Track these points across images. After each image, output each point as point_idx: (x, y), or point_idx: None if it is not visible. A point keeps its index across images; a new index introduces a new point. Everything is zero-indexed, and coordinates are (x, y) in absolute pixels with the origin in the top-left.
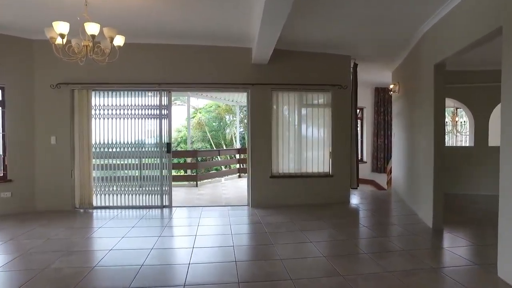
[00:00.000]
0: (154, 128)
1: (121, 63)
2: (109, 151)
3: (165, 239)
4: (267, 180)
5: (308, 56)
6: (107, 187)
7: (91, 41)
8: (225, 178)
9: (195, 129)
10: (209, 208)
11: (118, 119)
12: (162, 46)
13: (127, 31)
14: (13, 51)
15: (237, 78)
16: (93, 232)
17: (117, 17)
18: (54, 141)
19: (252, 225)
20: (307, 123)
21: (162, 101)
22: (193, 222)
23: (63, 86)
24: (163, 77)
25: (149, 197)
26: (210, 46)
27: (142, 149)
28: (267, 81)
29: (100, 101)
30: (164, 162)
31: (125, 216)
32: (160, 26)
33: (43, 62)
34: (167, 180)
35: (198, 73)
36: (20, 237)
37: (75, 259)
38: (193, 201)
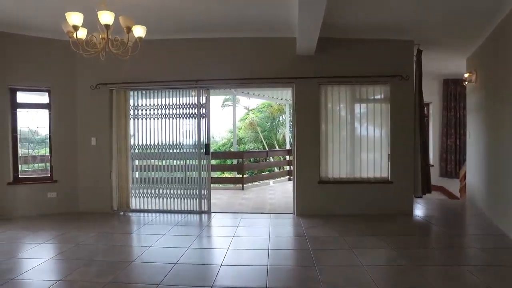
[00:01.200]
0: (192, 128)
1: (157, 60)
2: (146, 152)
3: (192, 253)
4: (314, 185)
5: (361, 44)
6: (144, 190)
7: (105, 31)
8: (273, 181)
9: (247, 129)
10: (250, 215)
11: (155, 119)
12: (199, 40)
13: (162, 27)
14: (57, 54)
15: (280, 71)
16: (121, 240)
17: (150, 12)
18: (94, 142)
19: (294, 239)
20: (361, 121)
21: (200, 99)
22: (228, 232)
23: (102, 87)
24: (200, 73)
25: (187, 201)
26: (250, 38)
27: (180, 150)
28: (314, 74)
29: (137, 101)
30: (202, 164)
31: (160, 222)
32: (196, 20)
33: (84, 63)
34: (206, 184)
35: (238, 68)
36: (53, 239)
37: (93, 270)
38: (234, 206)
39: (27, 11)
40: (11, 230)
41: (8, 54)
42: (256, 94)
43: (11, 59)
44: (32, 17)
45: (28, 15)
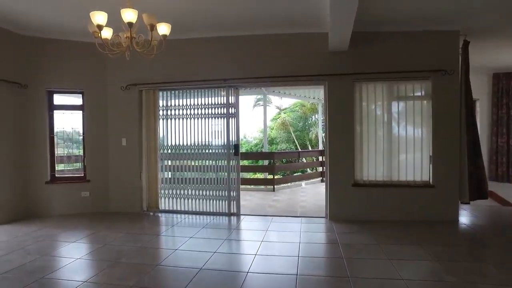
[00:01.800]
0: (221, 129)
1: (185, 60)
2: (175, 153)
3: (219, 257)
4: (349, 188)
5: (399, 37)
6: (173, 191)
7: (129, 30)
8: (305, 183)
9: (279, 129)
10: (280, 219)
11: (184, 119)
12: (227, 38)
13: (190, 26)
14: (89, 57)
15: (312, 69)
16: (148, 241)
17: (177, 12)
18: (125, 143)
19: (327, 245)
20: (399, 120)
21: (229, 99)
22: (257, 236)
23: (131, 87)
24: (229, 72)
25: (215, 202)
26: (279, 35)
27: (209, 151)
28: (347, 71)
29: (166, 102)
30: (232, 165)
31: (188, 223)
32: (225, 18)
33: (114, 65)
34: (235, 185)
35: (267, 66)
36: (84, 238)
37: (118, 273)
38: (264, 208)
39: (62, 17)
40: (47, 227)
41: (46, 58)
42: (288, 93)
43: (48, 63)
44: (66, 22)
45: (62, 21)
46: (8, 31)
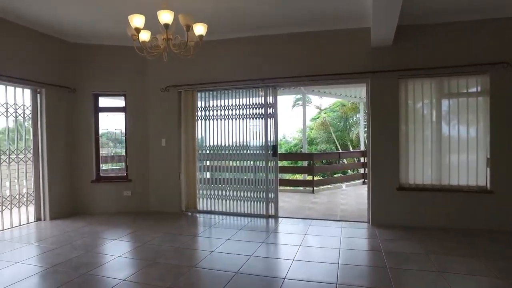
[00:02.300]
0: (259, 129)
1: (223, 60)
2: (213, 153)
3: (255, 261)
4: (393, 192)
5: (451, 28)
6: (211, 191)
7: (166, 31)
8: (346, 184)
9: (319, 129)
10: (320, 222)
11: (222, 120)
12: (265, 37)
13: (226, 26)
14: (131, 60)
15: (353, 66)
16: (185, 242)
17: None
18: (164, 144)
19: (369, 253)
20: (449, 119)
21: (267, 99)
22: (295, 240)
23: (171, 89)
24: (267, 72)
25: (253, 204)
26: (319, 32)
27: (247, 152)
28: (392, 67)
29: (204, 102)
30: (270, 166)
31: (225, 225)
32: (262, 16)
33: (155, 67)
34: (273, 187)
35: (306, 64)
36: (125, 237)
37: (155, 273)
38: (303, 211)
39: (105, 23)
40: (92, 224)
41: (92, 63)
42: (328, 93)
43: (94, 68)
44: (110, 28)
45: (106, 27)
46: (59, 39)
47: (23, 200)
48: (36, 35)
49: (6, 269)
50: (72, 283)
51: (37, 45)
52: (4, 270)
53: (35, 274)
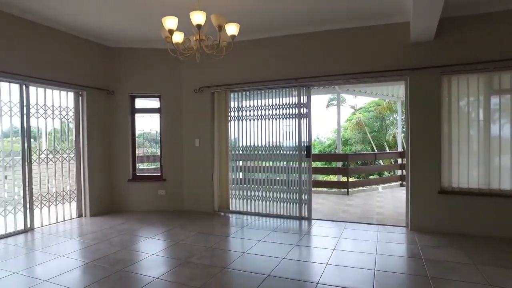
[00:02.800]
0: (292, 129)
1: (256, 60)
2: (245, 154)
3: (287, 264)
4: (434, 196)
5: (502, 17)
6: (244, 192)
7: (198, 32)
8: (382, 187)
9: (354, 130)
10: (355, 225)
11: (255, 120)
12: (297, 36)
13: (258, 26)
14: (166, 62)
15: (390, 63)
16: (217, 243)
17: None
18: (198, 144)
19: (408, 260)
20: (500, 117)
21: (301, 99)
22: (329, 243)
23: (204, 90)
24: (300, 71)
25: (286, 205)
26: (354, 28)
27: (279, 152)
28: (433, 63)
29: (237, 103)
30: (303, 167)
31: (258, 226)
32: (295, 15)
33: (188, 68)
34: (306, 188)
35: (340, 62)
36: (159, 235)
37: (187, 272)
38: (337, 213)
39: (140, 27)
40: (128, 222)
41: (129, 66)
42: (364, 92)
43: (131, 70)
44: (145, 32)
45: (141, 30)
46: (100, 44)
47: (66, 197)
48: (80, 41)
49: (52, 261)
50: (109, 278)
51: (81, 51)
52: (50, 262)
53: (76, 268)
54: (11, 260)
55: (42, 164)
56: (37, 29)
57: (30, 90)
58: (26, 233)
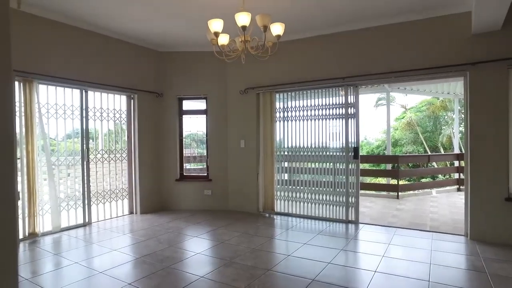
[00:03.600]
0: (339, 130)
1: (301, 60)
2: (290, 155)
3: (333, 270)
4: (500, 202)
5: None
6: (289, 193)
7: (243, 33)
8: (436, 191)
9: (405, 130)
10: (406, 231)
11: (300, 121)
12: (344, 34)
13: (302, 26)
14: (211, 64)
15: (447, 58)
16: (262, 244)
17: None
18: (243, 145)
19: (469, 273)
20: None
21: (348, 98)
22: (377, 249)
23: (249, 91)
24: (348, 70)
25: (332, 208)
26: (405, 23)
27: (326, 153)
28: (500, 56)
29: (283, 104)
30: (350, 169)
31: (303, 228)
32: (339, 12)
33: (234, 70)
34: (354, 190)
35: (391, 60)
36: (205, 234)
37: (231, 273)
38: (387, 218)
39: (187, 31)
40: (176, 220)
41: (176, 69)
42: (415, 90)
43: (179, 73)
44: (192, 35)
45: (188, 34)
46: (149, 49)
47: (119, 195)
48: (132, 47)
49: (105, 254)
50: (157, 274)
51: (133, 56)
52: (104, 256)
53: (128, 262)
54: (73, 251)
55: (98, 164)
56: (93, 38)
57: (89, 94)
58: (85, 227)
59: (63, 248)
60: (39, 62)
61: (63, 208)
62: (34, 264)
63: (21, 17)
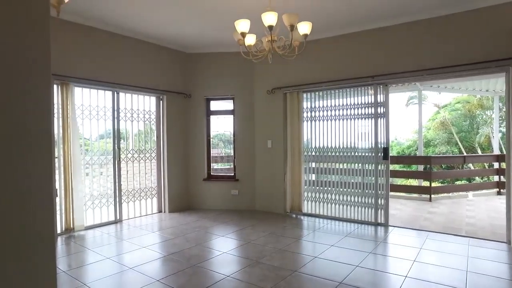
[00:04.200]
0: (368, 130)
1: (329, 59)
2: (318, 155)
3: (361, 273)
4: None
5: None
6: (316, 194)
7: (270, 33)
8: (473, 194)
9: (438, 130)
10: (439, 236)
11: (327, 120)
12: (372, 32)
13: (329, 24)
14: (238, 64)
15: (486, 53)
16: (288, 245)
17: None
18: (270, 145)
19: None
20: None
21: (377, 98)
22: (408, 254)
23: (276, 91)
24: (377, 68)
25: (360, 209)
26: (437, 18)
27: (354, 154)
28: None
29: (310, 103)
30: (380, 170)
31: (330, 229)
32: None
33: (261, 70)
34: (383, 192)
35: (423, 56)
36: (231, 234)
37: (257, 273)
38: (418, 221)
39: (214, 32)
40: (203, 219)
41: (205, 69)
42: (449, 88)
43: (206, 74)
44: (219, 36)
45: (216, 36)
46: (178, 51)
47: (148, 194)
48: (161, 49)
49: (135, 251)
50: (184, 272)
51: (161, 58)
52: (134, 252)
53: (156, 260)
54: (105, 246)
55: (129, 163)
56: (124, 41)
57: (120, 96)
58: (116, 224)
59: (96, 243)
60: (74, 65)
61: (96, 206)
62: (69, 258)
63: (58, 24)
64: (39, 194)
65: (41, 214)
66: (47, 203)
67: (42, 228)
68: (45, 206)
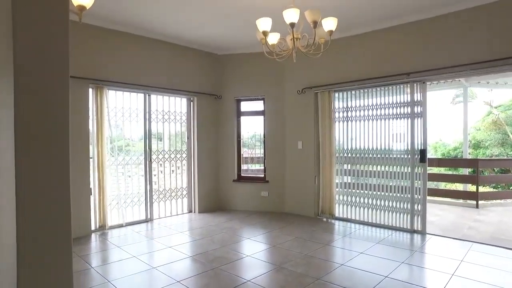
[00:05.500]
0: (403, 131)
1: (360, 56)
2: (350, 157)
3: (390, 285)
4: None
5: None
6: (348, 197)
7: (292, 31)
8: None
9: (490, 130)
10: (485, 248)
11: (360, 121)
12: (406, 26)
13: (361, 19)
14: (269, 65)
15: None
16: (315, 250)
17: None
18: (301, 146)
19: None
20: None
21: (414, 96)
22: (447, 266)
23: (307, 91)
24: (413, 64)
25: (395, 215)
26: (481, 7)
27: (388, 156)
28: None
29: (342, 103)
30: (417, 173)
31: (361, 235)
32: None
33: (291, 70)
34: (420, 197)
35: (465, 49)
36: (258, 236)
37: (280, 278)
38: (461, 229)
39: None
40: (231, 221)
41: (234, 70)
42: (502, 84)
43: (236, 75)
44: (248, 37)
45: (245, 36)
46: (208, 53)
47: (179, 194)
48: (191, 51)
49: (162, 250)
50: (206, 274)
51: (192, 60)
52: (161, 251)
53: (180, 260)
54: (133, 245)
55: (160, 163)
56: (155, 44)
57: (151, 98)
58: (147, 222)
59: (125, 241)
60: (108, 69)
61: (128, 204)
62: (98, 254)
63: (91, 30)
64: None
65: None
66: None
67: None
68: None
